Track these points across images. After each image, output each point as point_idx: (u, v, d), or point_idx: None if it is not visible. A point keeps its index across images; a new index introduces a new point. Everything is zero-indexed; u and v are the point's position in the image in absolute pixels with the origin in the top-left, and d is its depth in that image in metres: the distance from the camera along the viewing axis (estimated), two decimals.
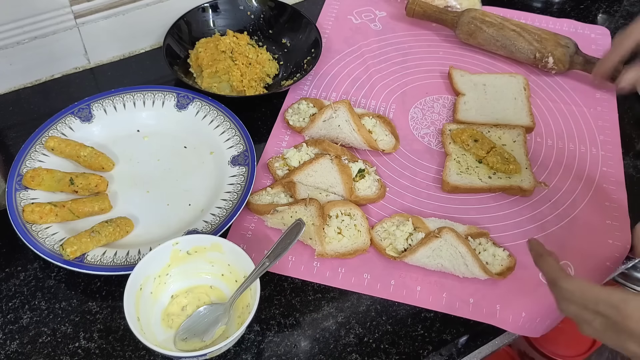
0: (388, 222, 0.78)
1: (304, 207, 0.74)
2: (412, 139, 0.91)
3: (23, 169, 0.78)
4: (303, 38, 1.01)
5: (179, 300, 0.68)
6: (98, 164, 0.81)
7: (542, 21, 1.12)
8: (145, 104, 0.89)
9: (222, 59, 0.94)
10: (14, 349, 0.66)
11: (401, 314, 0.71)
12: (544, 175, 0.86)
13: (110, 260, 0.70)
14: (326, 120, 0.86)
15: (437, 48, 1.06)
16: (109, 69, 1.00)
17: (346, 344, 0.69)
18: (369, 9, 1.14)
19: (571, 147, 0.90)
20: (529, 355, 1.34)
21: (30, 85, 0.96)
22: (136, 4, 0.97)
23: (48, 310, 0.70)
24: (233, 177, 0.81)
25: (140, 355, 0.66)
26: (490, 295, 0.73)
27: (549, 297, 0.73)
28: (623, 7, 1.19)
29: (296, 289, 0.73)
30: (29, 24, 0.89)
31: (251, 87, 0.93)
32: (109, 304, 0.70)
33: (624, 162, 0.89)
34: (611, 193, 0.84)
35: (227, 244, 0.67)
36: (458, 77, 0.98)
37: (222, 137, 0.86)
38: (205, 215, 0.77)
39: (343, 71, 1.00)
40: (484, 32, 1.02)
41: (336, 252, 0.74)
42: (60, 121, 0.84)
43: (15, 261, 0.74)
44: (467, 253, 0.72)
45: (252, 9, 1.05)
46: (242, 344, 0.68)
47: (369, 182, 0.82)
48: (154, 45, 1.04)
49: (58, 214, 0.73)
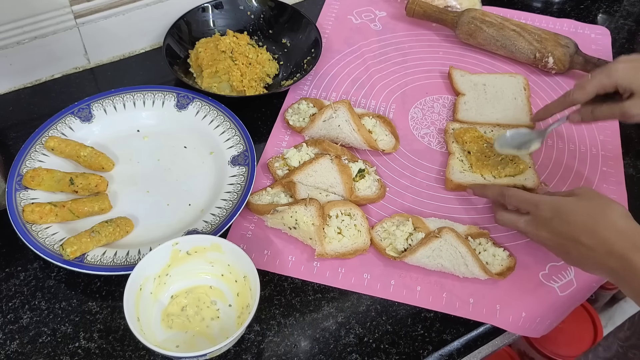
0: (388, 222, 0.78)
1: (304, 207, 0.74)
2: (412, 139, 0.91)
3: (23, 169, 0.78)
4: (303, 38, 1.01)
5: (179, 301, 0.68)
6: (98, 164, 0.81)
7: (542, 21, 1.12)
8: (145, 104, 0.89)
9: (222, 59, 0.94)
10: (14, 349, 0.66)
11: (401, 314, 0.71)
12: (545, 175, 0.86)
13: (110, 260, 0.70)
14: (326, 120, 0.86)
15: (437, 48, 1.06)
16: (109, 69, 1.00)
17: (346, 344, 0.69)
18: (369, 9, 1.14)
19: (571, 147, 0.90)
20: (529, 355, 1.35)
21: (30, 85, 0.96)
22: (136, 4, 0.97)
23: (48, 310, 0.70)
24: (233, 177, 0.81)
25: (140, 355, 0.66)
26: (490, 295, 0.73)
27: (549, 297, 0.73)
28: (623, 7, 1.19)
29: (296, 289, 0.73)
30: (29, 24, 0.89)
31: (251, 87, 0.93)
32: (109, 304, 0.70)
33: (624, 162, 0.89)
34: (611, 193, 0.84)
35: (227, 244, 0.67)
36: (458, 77, 0.98)
37: (222, 137, 0.86)
38: (205, 215, 0.77)
39: (343, 71, 1.00)
40: (484, 32, 1.02)
41: (336, 252, 0.74)
42: (60, 121, 0.84)
43: (15, 261, 0.74)
44: (467, 253, 0.72)
45: (252, 9, 1.05)
46: (242, 344, 0.68)
47: (369, 182, 0.82)
48: (154, 45, 1.04)
49: (58, 214, 0.73)
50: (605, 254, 0.63)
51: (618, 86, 0.73)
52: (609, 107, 0.76)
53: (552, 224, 0.68)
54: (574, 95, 0.77)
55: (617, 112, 0.75)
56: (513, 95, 0.95)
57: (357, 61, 1.02)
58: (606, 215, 0.65)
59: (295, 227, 0.74)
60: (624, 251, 0.62)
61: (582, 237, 0.65)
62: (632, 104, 0.73)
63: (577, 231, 0.65)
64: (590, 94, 0.75)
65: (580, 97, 0.76)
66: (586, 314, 1.36)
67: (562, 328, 0.74)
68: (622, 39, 1.12)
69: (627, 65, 0.73)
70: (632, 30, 1.14)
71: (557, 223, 0.67)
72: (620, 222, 0.64)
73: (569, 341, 1.31)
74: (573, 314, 0.76)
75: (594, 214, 0.66)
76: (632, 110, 0.73)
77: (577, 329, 1.33)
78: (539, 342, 1.30)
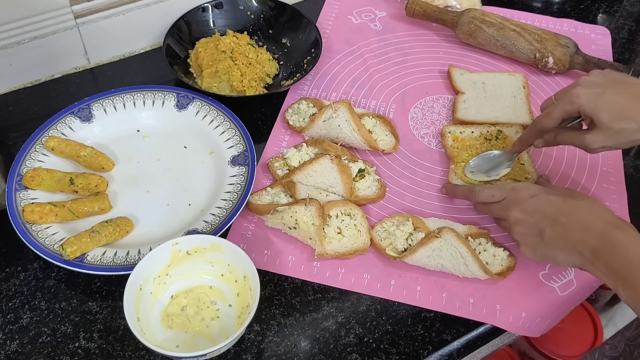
0: (388, 222, 0.78)
1: (304, 207, 0.74)
2: (412, 139, 0.91)
3: (23, 169, 0.78)
4: (303, 38, 1.01)
5: (179, 301, 0.68)
6: (98, 164, 0.81)
7: (542, 21, 1.12)
8: (145, 104, 0.89)
9: (222, 59, 0.94)
10: (14, 349, 0.66)
11: (401, 314, 0.71)
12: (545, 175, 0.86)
13: (110, 260, 0.70)
14: (326, 120, 0.86)
15: (437, 48, 1.06)
16: (109, 69, 1.00)
17: (346, 344, 0.69)
18: (369, 9, 1.14)
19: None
20: (529, 355, 1.35)
21: (30, 85, 0.96)
22: (136, 4, 0.97)
23: (48, 310, 0.70)
24: (233, 177, 0.81)
25: (140, 355, 0.66)
26: (490, 295, 0.73)
27: (549, 297, 0.73)
28: (623, 7, 1.19)
29: (296, 289, 0.73)
30: (29, 24, 0.89)
31: (251, 87, 0.93)
32: (109, 304, 0.70)
33: (624, 162, 0.89)
34: (611, 193, 0.84)
35: (227, 244, 0.67)
36: (457, 76, 0.98)
37: (222, 137, 0.86)
38: (205, 215, 0.77)
39: (343, 71, 1.00)
40: (484, 32, 1.02)
41: (336, 252, 0.74)
42: (60, 121, 0.84)
43: (15, 261, 0.74)
44: (467, 253, 0.72)
45: (252, 9, 1.05)
46: (242, 344, 0.68)
47: (369, 182, 0.82)
48: (154, 45, 1.04)
49: (58, 214, 0.73)
50: (583, 230, 0.63)
51: (581, 112, 0.71)
52: (570, 135, 0.74)
53: (529, 203, 0.69)
54: (541, 123, 0.76)
55: (578, 143, 0.73)
56: (512, 94, 0.95)
57: (357, 61, 1.02)
58: (586, 199, 0.69)
59: (295, 227, 0.74)
60: (604, 226, 0.62)
61: (560, 216, 0.66)
62: (592, 138, 0.71)
63: (555, 210, 0.66)
64: (556, 120, 0.74)
65: (547, 124, 0.75)
66: (586, 314, 1.36)
67: (562, 328, 0.74)
68: (622, 39, 1.12)
69: (588, 91, 0.70)
70: (632, 30, 1.14)
71: (534, 202, 0.69)
72: (599, 207, 0.66)
73: (569, 341, 1.31)
74: (573, 314, 0.76)
75: (574, 196, 0.69)
76: (592, 144, 0.71)
77: (577, 329, 1.33)
78: (539, 342, 1.30)
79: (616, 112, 0.68)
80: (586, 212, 0.65)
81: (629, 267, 0.59)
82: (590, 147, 0.72)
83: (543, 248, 0.67)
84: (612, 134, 0.69)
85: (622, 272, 0.60)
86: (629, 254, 0.60)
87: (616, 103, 0.69)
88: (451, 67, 1.00)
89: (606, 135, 0.70)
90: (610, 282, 0.61)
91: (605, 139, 0.70)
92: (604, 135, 0.70)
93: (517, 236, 0.70)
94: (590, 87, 0.71)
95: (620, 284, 0.60)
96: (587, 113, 0.70)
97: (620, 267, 0.60)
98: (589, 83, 0.72)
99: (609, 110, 0.68)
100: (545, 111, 0.76)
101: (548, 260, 0.69)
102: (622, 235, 0.61)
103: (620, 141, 0.70)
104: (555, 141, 0.77)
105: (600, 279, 0.64)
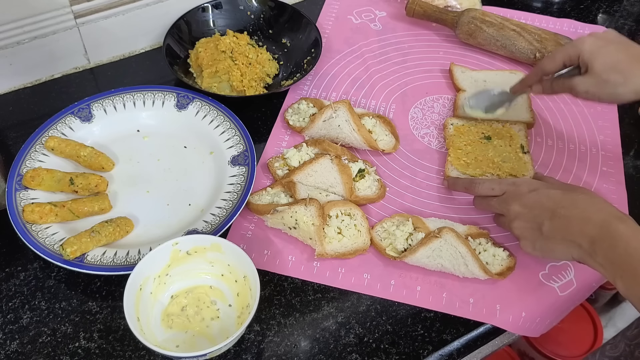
0: (388, 222, 0.78)
1: (304, 207, 0.74)
2: (412, 139, 0.91)
3: (23, 169, 0.78)
4: (303, 38, 1.01)
5: (179, 301, 0.68)
6: (98, 164, 0.81)
7: (542, 21, 1.13)
8: (145, 104, 0.89)
9: (222, 59, 0.94)
10: (14, 349, 0.66)
11: (401, 314, 0.71)
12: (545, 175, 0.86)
13: (110, 260, 0.70)
14: (326, 120, 0.86)
15: (437, 48, 1.06)
16: (109, 69, 1.00)
17: (346, 344, 0.69)
18: (369, 9, 1.14)
19: (571, 147, 0.91)
20: (529, 355, 1.35)
21: (30, 85, 0.96)
22: (136, 4, 0.97)
23: (48, 310, 0.70)
24: (233, 177, 0.81)
25: (140, 355, 0.66)
26: (490, 295, 0.73)
27: (549, 297, 0.73)
28: (623, 7, 1.19)
29: (296, 289, 0.73)
30: (29, 24, 0.89)
31: (251, 87, 0.93)
32: (109, 304, 0.70)
33: (624, 162, 0.89)
34: (611, 193, 0.84)
35: (227, 244, 0.67)
36: (459, 74, 0.99)
37: (222, 137, 0.86)
38: (205, 215, 0.77)
39: (343, 71, 1.00)
40: (484, 32, 1.02)
41: (336, 252, 0.74)
42: (60, 121, 0.84)
43: (15, 261, 0.74)
44: (467, 253, 0.72)
45: (252, 9, 1.05)
46: (242, 344, 0.68)
47: (369, 182, 0.82)
48: (154, 45, 1.04)
49: (58, 214, 0.73)
50: (583, 221, 0.64)
51: (580, 58, 0.74)
52: (564, 81, 0.77)
53: (529, 197, 0.69)
54: (544, 65, 0.79)
55: (567, 86, 0.76)
56: None
57: (357, 61, 1.02)
58: (586, 193, 0.70)
59: (295, 227, 0.74)
60: (605, 217, 0.62)
61: (560, 209, 0.66)
62: (580, 80, 0.74)
63: (554, 203, 0.67)
64: (559, 63, 0.77)
65: (549, 67, 0.78)
66: (586, 314, 1.36)
67: (562, 328, 0.74)
68: None
69: (594, 41, 0.74)
70: (632, 30, 1.14)
71: (534, 195, 0.69)
72: (600, 200, 0.67)
73: (569, 341, 1.31)
74: (573, 314, 0.76)
75: (574, 190, 0.70)
76: (579, 86, 0.75)
77: (577, 329, 1.33)
78: (539, 342, 1.30)
79: (610, 63, 0.72)
80: (586, 205, 0.65)
81: (629, 259, 0.59)
82: (575, 89, 0.75)
83: (542, 241, 0.67)
84: (599, 81, 0.73)
85: (621, 263, 0.60)
86: (629, 245, 0.60)
87: (613, 56, 0.72)
88: (452, 65, 1.00)
89: (593, 82, 0.73)
90: (609, 274, 0.61)
91: (591, 85, 0.74)
92: (591, 81, 0.73)
93: (517, 230, 0.70)
94: (597, 38, 0.75)
95: (619, 276, 0.60)
96: (585, 58, 0.73)
97: (619, 258, 0.60)
98: (597, 35, 0.75)
99: (604, 60, 0.72)
100: (550, 54, 0.79)
101: (547, 254, 0.68)
102: (622, 227, 0.61)
103: (603, 91, 0.73)
104: (551, 88, 0.79)
105: (597, 271, 0.63)
